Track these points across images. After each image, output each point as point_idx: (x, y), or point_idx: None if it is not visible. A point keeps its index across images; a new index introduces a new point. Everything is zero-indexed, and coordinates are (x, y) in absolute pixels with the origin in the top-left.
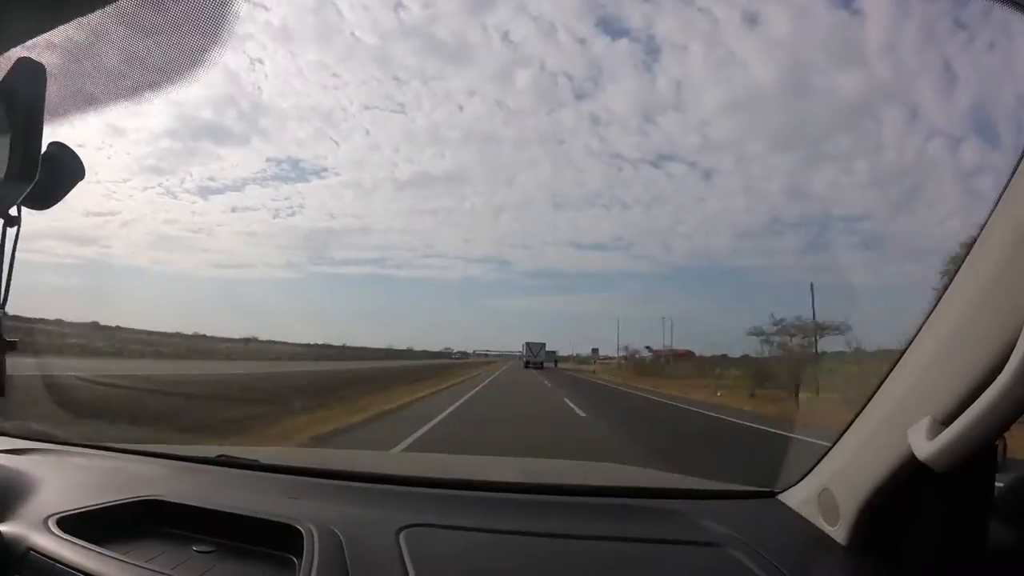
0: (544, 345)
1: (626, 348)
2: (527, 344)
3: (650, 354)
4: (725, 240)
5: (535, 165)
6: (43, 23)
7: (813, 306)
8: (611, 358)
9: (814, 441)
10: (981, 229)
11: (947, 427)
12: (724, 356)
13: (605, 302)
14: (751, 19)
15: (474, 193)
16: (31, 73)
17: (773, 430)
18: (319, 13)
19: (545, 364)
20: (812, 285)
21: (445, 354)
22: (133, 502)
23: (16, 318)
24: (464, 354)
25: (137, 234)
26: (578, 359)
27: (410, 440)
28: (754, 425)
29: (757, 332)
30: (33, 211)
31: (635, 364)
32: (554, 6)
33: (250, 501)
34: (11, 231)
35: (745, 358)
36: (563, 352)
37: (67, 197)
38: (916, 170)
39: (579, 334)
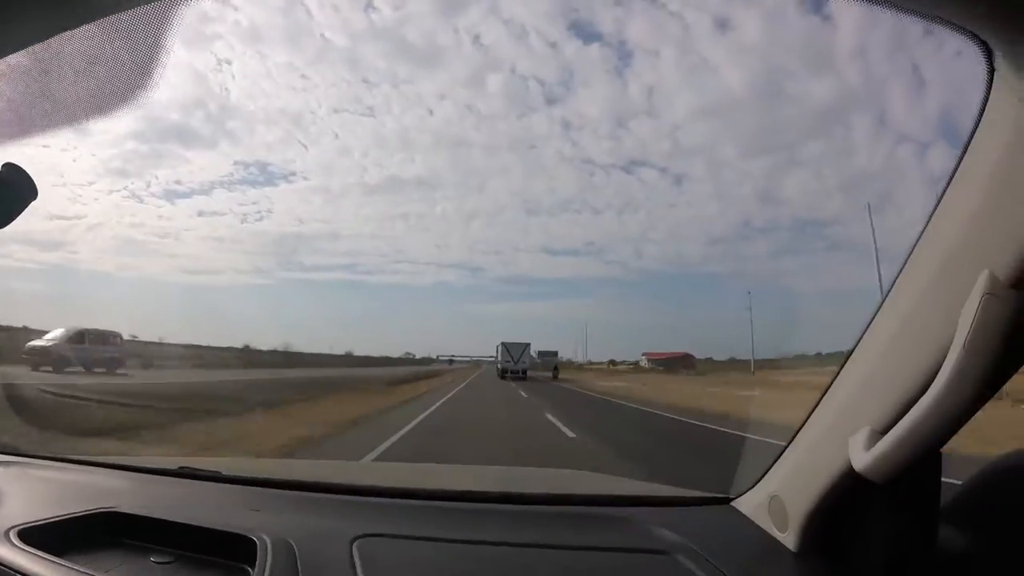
0: (528, 346)
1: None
2: (503, 346)
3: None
4: (697, 246)
5: (507, 170)
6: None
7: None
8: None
9: None
10: (917, 239)
11: (883, 437)
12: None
13: (578, 308)
14: (722, 24)
15: (445, 198)
16: None
17: None
18: (289, 13)
19: (530, 373)
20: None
21: (406, 360)
22: (93, 514)
23: None
24: (429, 359)
25: (103, 239)
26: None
27: None
28: None
29: None
30: None
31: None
32: (526, 9)
33: (209, 513)
34: None
35: (732, 360)
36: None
37: (33, 201)
38: (884, 175)
39: (552, 340)
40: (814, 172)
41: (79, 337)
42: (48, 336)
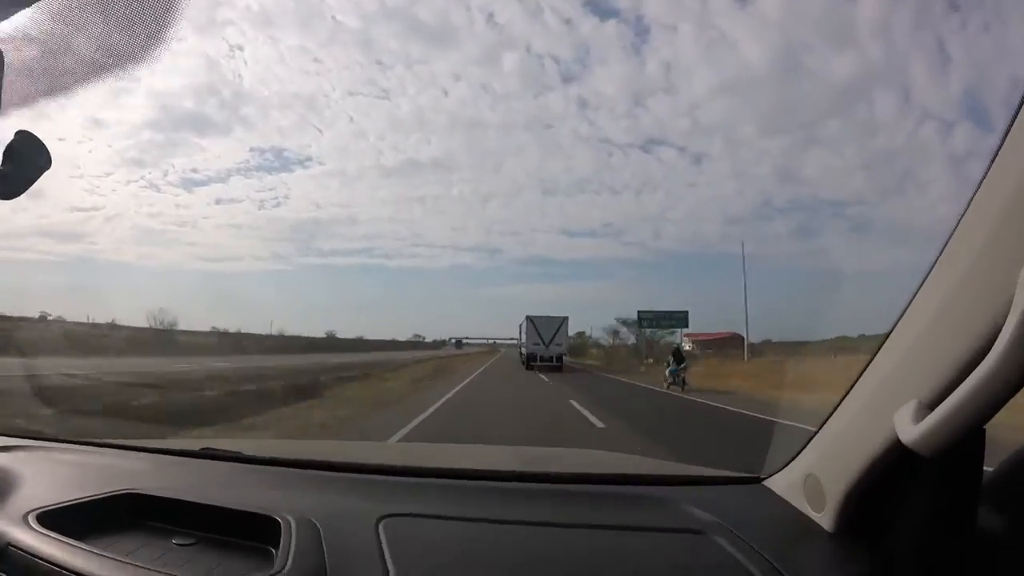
0: (565, 321)
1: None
2: (529, 321)
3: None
4: (717, 225)
5: (523, 150)
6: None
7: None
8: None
9: None
10: (966, 208)
11: (933, 411)
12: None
13: (597, 290)
14: None
15: (462, 180)
16: None
17: None
18: None
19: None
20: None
21: (411, 343)
22: (112, 496)
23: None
24: (440, 342)
25: (122, 229)
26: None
27: None
28: None
29: None
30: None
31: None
32: None
33: (231, 494)
34: None
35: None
36: None
37: (50, 192)
38: (907, 154)
39: (572, 322)
40: (835, 151)
41: None
42: None
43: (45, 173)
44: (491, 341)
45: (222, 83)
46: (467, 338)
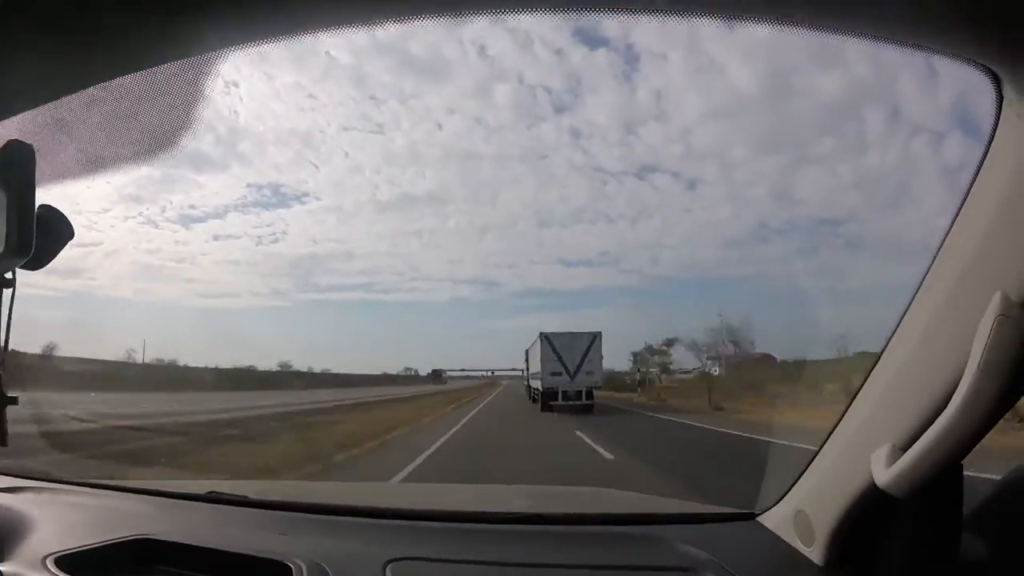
0: (597, 339)
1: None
2: (546, 341)
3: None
4: (714, 249)
5: (518, 182)
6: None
7: None
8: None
9: None
10: (933, 258)
11: (904, 453)
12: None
13: (596, 318)
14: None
15: (457, 212)
16: (21, 154)
17: None
18: None
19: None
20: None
21: (400, 377)
22: (127, 541)
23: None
24: (438, 374)
25: (120, 264)
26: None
27: None
28: None
29: None
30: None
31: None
32: (530, 17)
33: (240, 538)
34: (7, 292)
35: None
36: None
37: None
38: (899, 169)
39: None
40: (828, 168)
41: None
42: None
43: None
44: (488, 373)
45: (218, 119)
46: (464, 369)
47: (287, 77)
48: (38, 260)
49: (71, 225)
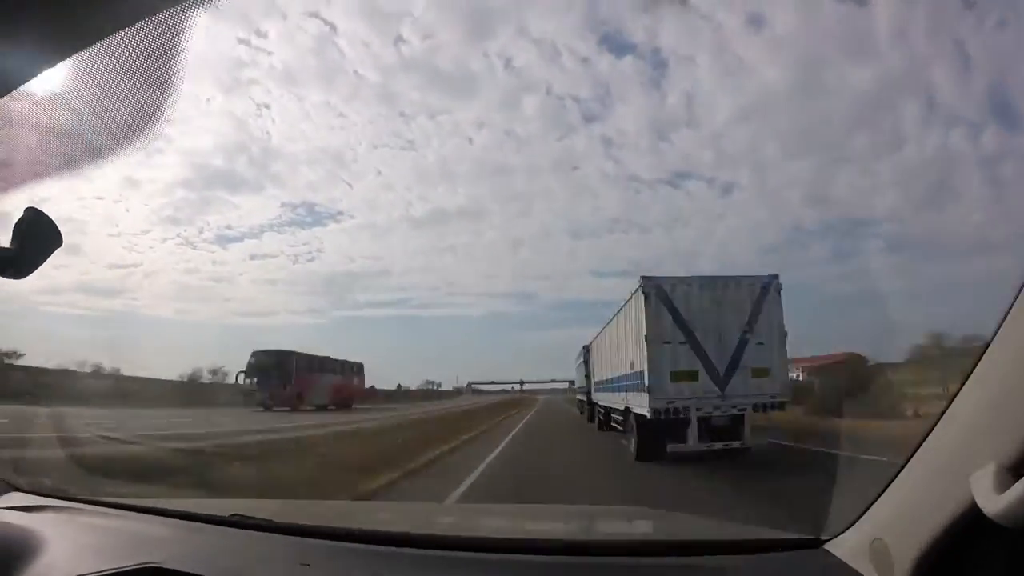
0: (771, 289)
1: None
2: (657, 301)
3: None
4: (750, 255)
5: (550, 194)
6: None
7: None
8: None
9: None
10: None
11: (1019, 476)
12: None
13: None
14: (755, 21)
15: (491, 227)
16: None
17: None
18: (321, 53)
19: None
20: None
21: (436, 392)
22: (133, 571)
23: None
24: (460, 390)
25: (160, 285)
26: None
27: None
28: None
29: None
30: (11, 280)
31: None
32: (554, 27)
33: (258, 568)
34: None
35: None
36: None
37: (90, 250)
38: (938, 163)
39: None
40: (862, 167)
41: None
42: None
43: (84, 231)
44: (516, 386)
45: (251, 141)
46: (494, 382)
47: (316, 97)
48: (21, 267)
49: (59, 232)
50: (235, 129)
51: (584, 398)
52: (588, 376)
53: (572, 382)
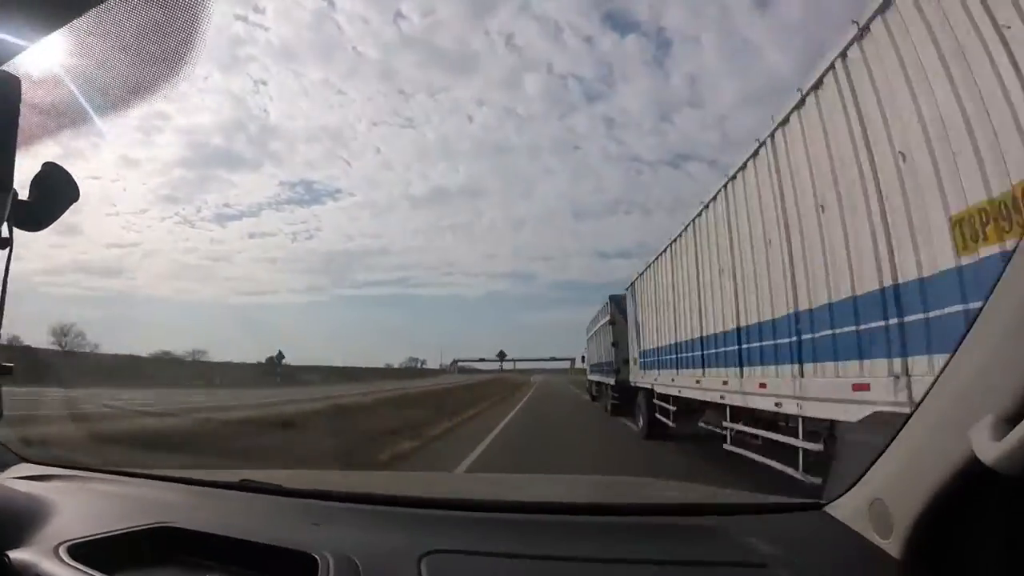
0: None
1: None
2: None
3: None
4: None
5: (551, 174)
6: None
7: None
8: None
9: None
10: None
11: (1017, 425)
12: None
13: None
14: (762, 2)
15: (491, 206)
16: (5, 85)
17: None
18: (319, 29)
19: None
20: None
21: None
22: (145, 529)
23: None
24: (470, 367)
25: (159, 264)
26: None
27: None
28: None
29: None
30: (28, 232)
31: None
32: (557, 4)
33: (269, 528)
34: (2, 253)
35: None
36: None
37: (87, 229)
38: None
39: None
40: None
41: None
42: None
43: (82, 210)
44: (509, 364)
45: (249, 119)
46: (483, 359)
47: (314, 74)
48: (38, 219)
49: (76, 186)
50: (233, 107)
51: (605, 381)
52: (625, 345)
53: (572, 361)
